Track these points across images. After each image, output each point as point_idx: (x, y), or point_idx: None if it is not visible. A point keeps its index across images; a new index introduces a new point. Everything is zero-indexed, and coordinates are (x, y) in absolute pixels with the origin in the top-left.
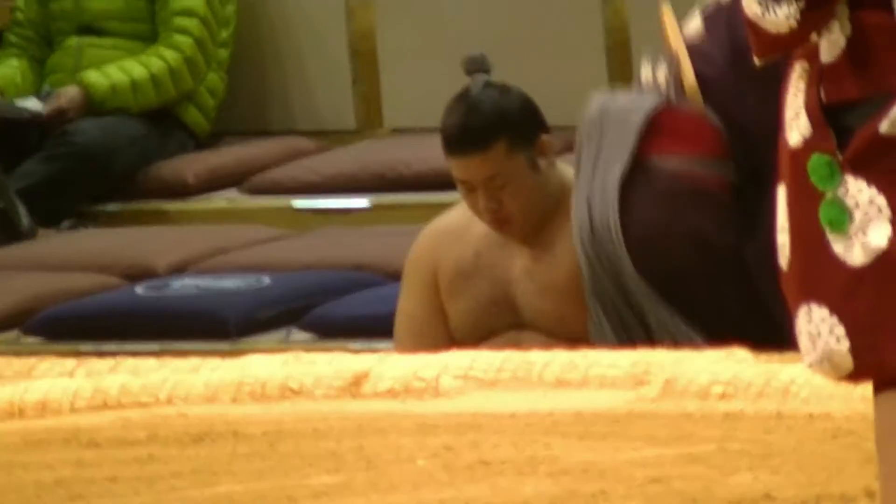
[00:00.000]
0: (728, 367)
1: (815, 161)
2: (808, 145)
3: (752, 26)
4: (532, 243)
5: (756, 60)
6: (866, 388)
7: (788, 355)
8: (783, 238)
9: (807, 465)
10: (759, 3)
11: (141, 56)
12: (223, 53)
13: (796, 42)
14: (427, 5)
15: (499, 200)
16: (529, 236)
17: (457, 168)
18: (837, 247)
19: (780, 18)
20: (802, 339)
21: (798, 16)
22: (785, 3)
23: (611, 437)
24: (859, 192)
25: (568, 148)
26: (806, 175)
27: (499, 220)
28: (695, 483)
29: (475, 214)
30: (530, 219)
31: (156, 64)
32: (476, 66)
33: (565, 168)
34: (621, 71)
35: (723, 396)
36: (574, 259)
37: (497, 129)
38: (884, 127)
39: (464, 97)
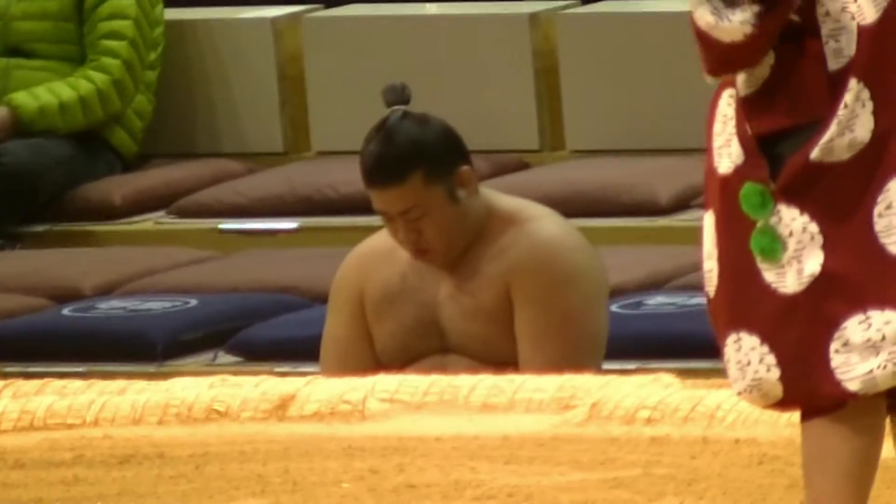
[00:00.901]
0: (654, 391)
1: (748, 190)
2: (740, 173)
3: (704, 39)
4: (458, 267)
5: (707, 78)
6: (793, 414)
7: (715, 380)
8: (710, 265)
9: (732, 490)
10: (712, 12)
11: (69, 78)
12: (151, 76)
13: (750, 55)
14: (355, 29)
15: (417, 231)
16: (455, 261)
17: (374, 199)
18: (769, 275)
19: (735, 25)
20: (730, 367)
21: (754, 21)
22: (739, 10)
23: (536, 461)
24: (792, 220)
25: (497, 172)
26: (737, 202)
27: (419, 251)
28: None
29: (397, 242)
30: (451, 249)
31: (84, 86)
32: (395, 96)
33: (491, 194)
34: (550, 95)
35: (649, 421)
36: (499, 283)
37: (413, 161)
38: (814, 154)
39: (381, 128)
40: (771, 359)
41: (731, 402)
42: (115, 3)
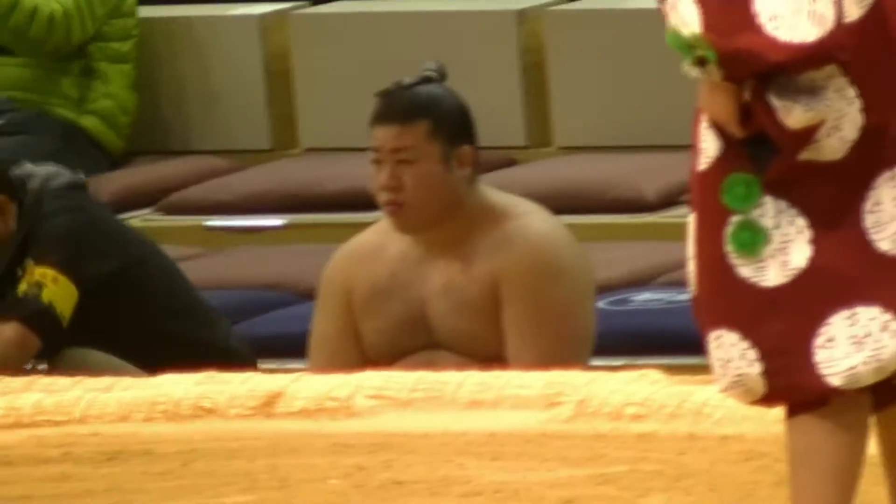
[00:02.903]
0: (641, 388)
1: (733, 179)
2: (722, 166)
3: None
4: (446, 262)
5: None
6: (779, 411)
7: (702, 376)
8: (691, 266)
9: (719, 486)
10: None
11: None
12: (126, 68)
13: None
14: (342, 26)
15: (400, 179)
16: (442, 255)
17: (374, 136)
18: (745, 271)
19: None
20: (714, 364)
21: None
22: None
23: (524, 457)
24: (779, 212)
25: (484, 168)
26: (715, 198)
27: (393, 203)
28: None
29: (377, 195)
30: (424, 212)
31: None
32: (434, 68)
33: (490, 192)
34: (537, 93)
35: (636, 417)
36: (488, 279)
37: (425, 110)
38: (803, 154)
39: (412, 81)
40: (752, 354)
41: (717, 399)
42: None
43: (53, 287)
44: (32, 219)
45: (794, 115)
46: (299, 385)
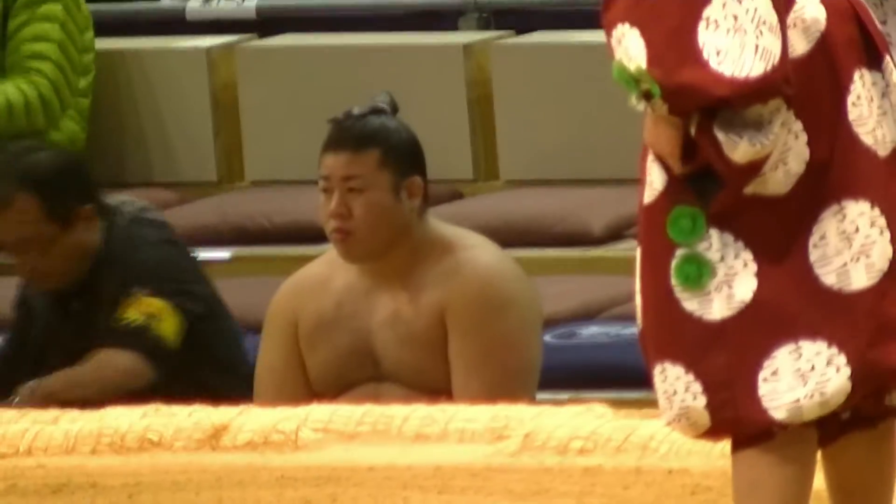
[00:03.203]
0: (587, 421)
1: (678, 212)
2: (668, 199)
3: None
4: (393, 294)
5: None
6: (725, 445)
7: (648, 410)
8: (637, 299)
9: None
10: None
11: None
12: (83, 103)
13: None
14: (289, 59)
15: (349, 207)
16: (388, 286)
17: (325, 163)
18: (690, 304)
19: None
20: (659, 397)
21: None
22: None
23: (469, 491)
24: (724, 245)
25: (431, 202)
26: (660, 231)
27: (342, 231)
28: None
29: (324, 224)
30: (372, 242)
31: (12, 92)
32: (386, 100)
33: (438, 224)
34: (483, 125)
35: (582, 451)
36: (435, 311)
37: (376, 140)
38: (749, 188)
39: (363, 111)
40: (697, 387)
41: (664, 433)
42: (39, 27)
43: (167, 319)
44: (126, 242)
45: (739, 149)
46: (245, 418)
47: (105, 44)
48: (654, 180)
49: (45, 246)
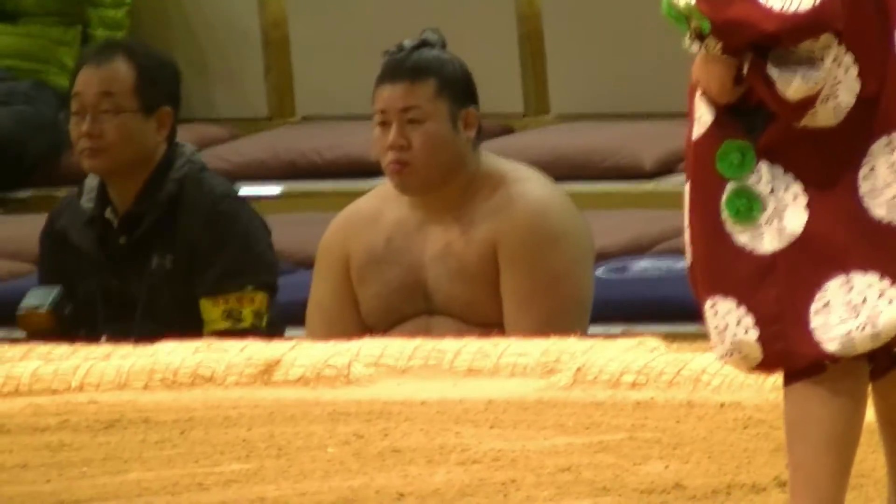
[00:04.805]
0: (639, 356)
1: (728, 147)
2: (715, 134)
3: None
4: (444, 228)
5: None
6: (778, 378)
7: (700, 344)
8: (686, 234)
9: (717, 454)
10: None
11: None
12: (119, 35)
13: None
14: None
15: (408, 138)
16: (441, 219)
17: (381, 97)
18: (742, 238)
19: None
20: (711, 332)
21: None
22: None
23: (521, 425)
24: (774, 178)
25: (483, 135)
26: (709, 166)
27: (400, 163)
28: (605, 472)
29: (380, 158)
30: (431, 172)
31: None
32: (434, 35)
33: (492, 159)
34: (534, 60)
35: (633, 385)
36: (486, 244)
37: (432, 70)
38: (797, 122)
39: (413, 43)
40: (749, 320)
41: (715, 366)
42: None
43: (266, 310)
44: (211, 208)
45: (793, 85)
46: (297, 353)
47: None
48: (703, 115)
49: (117, 113)
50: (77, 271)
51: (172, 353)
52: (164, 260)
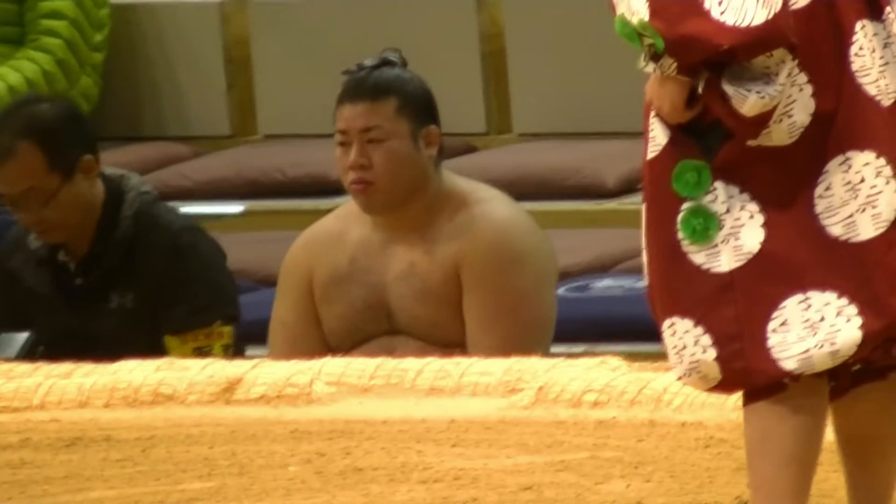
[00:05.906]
0: (601, 374)
1: (683, 166)
2: (672, 153)
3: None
4: (408, 247)
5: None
6: (739, 397)
7: (662, 363)
8: (644, 255)
9: (679, 473)
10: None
11: (11, 61)
12: (97, 57)
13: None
14: (301, 13)
15: (369, 157)
16: (404, 239)
17: (342, 117)
18: (698, 257)
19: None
20: (669, 352)
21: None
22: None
23: (483, 444)
24: (730, 197)
25: (444, 155)
26: (665, 185)
27: (362, 182)
28: (567, 491)
29: (342, 177)
30: (392, 191)
31: (28, 68)
32: (394, 55)
33: (455, 178)
34: (497, 79)
35: (595, 404)
36: (449, 264)
37: (392, 89)
38: (753, 141)
39: (374, 62)
40: (706, 340)
41: (677, 386)
42: None
43: (232, 341)
44: (170, 243)
45: (748, 102)
46: (259, 372)
47: None
48: (658, 135)
49: (47, 197)
50: (37, 312)
51: (134, 372)
52: (124, 299)
